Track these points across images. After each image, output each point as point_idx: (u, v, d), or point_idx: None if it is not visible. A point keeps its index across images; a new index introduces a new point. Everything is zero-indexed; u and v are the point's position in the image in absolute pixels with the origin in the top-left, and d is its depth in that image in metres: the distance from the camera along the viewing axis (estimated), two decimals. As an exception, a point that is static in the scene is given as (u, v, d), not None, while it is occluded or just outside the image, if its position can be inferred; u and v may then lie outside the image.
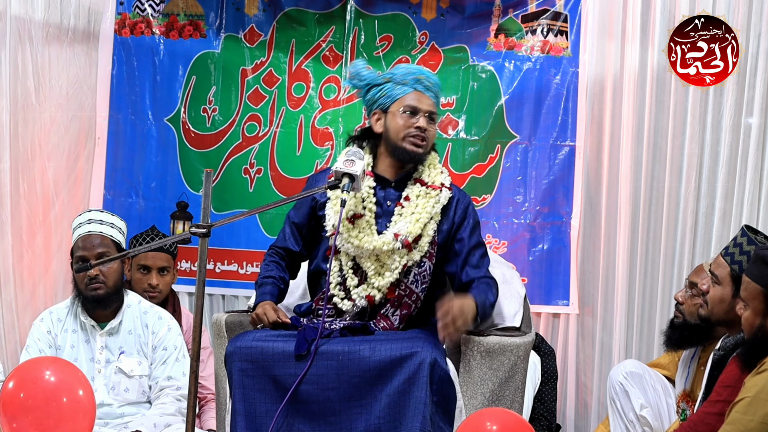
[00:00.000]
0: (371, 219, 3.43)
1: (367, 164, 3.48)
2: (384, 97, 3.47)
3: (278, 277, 3.50)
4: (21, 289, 4.97)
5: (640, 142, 5.07)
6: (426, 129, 3.44)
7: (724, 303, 3.39)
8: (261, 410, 3.16)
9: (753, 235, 3.33)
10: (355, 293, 3.40)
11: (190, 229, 2.76)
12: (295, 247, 3.57)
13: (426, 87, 3.46)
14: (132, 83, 5.28)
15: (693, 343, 3.73)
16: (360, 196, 3.43)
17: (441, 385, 3.12)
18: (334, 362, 3.14)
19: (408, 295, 3.40)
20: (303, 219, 3.57)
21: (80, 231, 3.72)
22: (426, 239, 3.42)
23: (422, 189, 3.46)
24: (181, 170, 5.29)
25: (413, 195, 3.45)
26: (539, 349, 4.76)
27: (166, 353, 3.72)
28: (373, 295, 3.39)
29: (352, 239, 3.39)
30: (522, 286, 3.72)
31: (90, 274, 3.65)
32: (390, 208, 3.46)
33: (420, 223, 3.40)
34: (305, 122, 5.26)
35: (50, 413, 3.10)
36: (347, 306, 3.40)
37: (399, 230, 3.39)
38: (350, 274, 3.42)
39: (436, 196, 3.45)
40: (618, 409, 3.92)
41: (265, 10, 5.27)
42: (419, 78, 3.46)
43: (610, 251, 5.10)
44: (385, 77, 3.50)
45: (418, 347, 3.11)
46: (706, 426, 3.13)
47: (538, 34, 5.14)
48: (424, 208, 3.43)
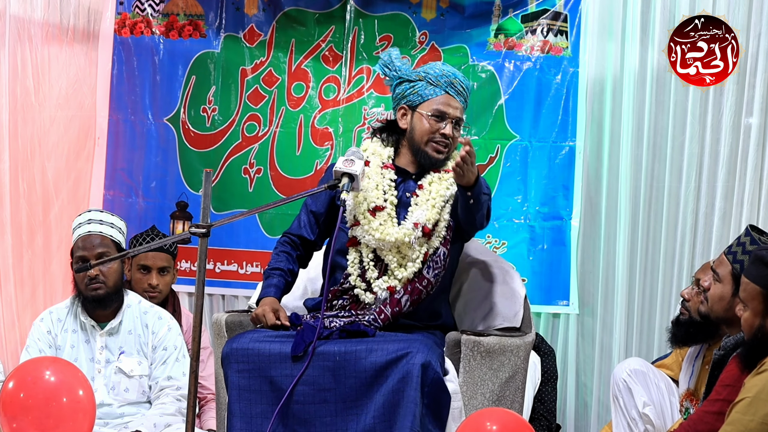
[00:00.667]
0: (392, 211, 3.43)
1: (387, 156, 3.49)
2: (414, 95, 3.45)
3: (286, 270, 3.49)
4: (21, 288, 4.97)
5: (640, 142, 5.07)
6: (451, 136, 3.42)
7: (723, 301, 3.39)
8: (257, 411, 3.16)
9: (757, 235, 3.33)
10: (376, 285, 3.39)
11: (189, 229, 2.76)
12: (310, 236, 3.55)
13: (457, 92, 3.44)
14: (132, 83, 5.28)
15: (698, 340, 3.71)
16: (381, 188, 3.43)
17: (433, 387, 3.11)
18: (330, 363, 3.13)
19: (419, 281, 3.40)
20: (321, 208, 3.55)
21: (80, 231, 3.72)
22: (443, 224, 3.42)
23: (435, 175, 3.46)
24: (181, 170, 5.29)
25: (426, 183, 3.46)
26: (539, 349, 4.76)
27: (166, 353, 3.72)
28: (394, 286, 3.39)
29: (373, 231, 3.39)
30: (522, 286, 3.71)
31: (90, 274, 3.64)
32: (408, 199, 3.46)
33: (436, 208, 3.41)
34: (305, 122, 5.26)
35: (50, 413, 3.10)
36: (369, 299, 3.40)
37: (417, 219, 3.39)
38: (371, 267, 3.41)
39: (449, 179, 3.44)
40: (621, 406, 3.91)
41: (265, 9, 5.27)
42: (453, 81, 3.43)
43: (610, 251, 5.10)
44: (418, 74, 3.46)
45: (413, 348, 3.11)
46: (705, 425, 3.13)
47: (538, 34, 5.14)
48: (438, 192, 3.43)
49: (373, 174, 3.45)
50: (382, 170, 3.47)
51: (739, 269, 3.29)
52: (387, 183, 3.45)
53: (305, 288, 3.80)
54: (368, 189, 3.43)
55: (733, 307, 3.28)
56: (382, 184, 3.44)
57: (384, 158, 3.50)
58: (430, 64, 3.53)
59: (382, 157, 3.50)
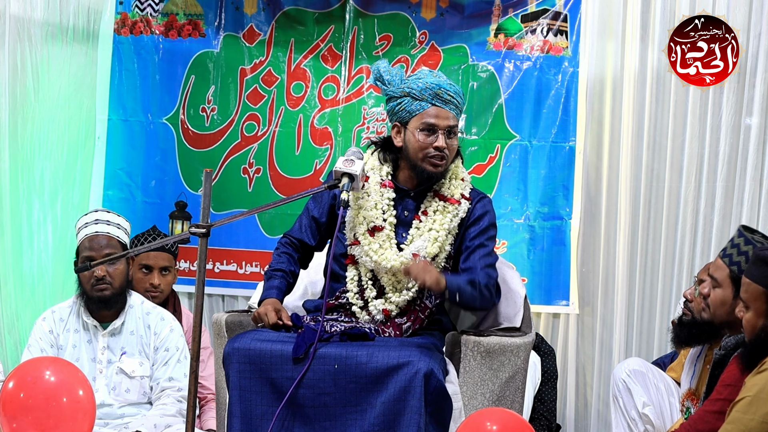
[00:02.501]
0: (391, 232, 3.40)
1: (386, 173, 3.45)
2: (402, 112, 3.39)
3: (288, 271, 3.48)
4: (20, 288, 4.96)
5: (640, 142, 5.07)
6: (444, 147, 3.37)
7: (725, 305, 3.36)
8: (257, 413, 3.16)
9: (750, 235, 3.32)
10: (373, 306, 3.39)
11: (189, 229, 2.76)
12: (310, 241, 3.54)
13: (445, 101, 3.37)
14: (131, 83, 5.28)
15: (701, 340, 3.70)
16: (380, 208, 3.40)
17: (436, 396, 3.11)
18: (331, 367, 3.13)
19: (422, 309, 3.40)
20: (322, 215, 3.53)
21: (87, 231, 3.71)
22: (443, 255, 3.40)
23: (440, 204, 3.41)
24: (180, 170, 5.29)
25: (431, 210, 3.41)
26: (539, 349, 4.76)
27: (168, 354, 3.71)
28: (390, 310, 3.38)
29: (372, 253, 3.37)
30: (522, 286, 3.71)
31: (97, 275, 3.63)
32: (408, 218, 3.43)
33: (438, 242, 3.36)
34: (304, 122, 5.26)
35: (50, 413, 3.09)
36: (364, 318, 3.39)
37: (418, 249, 3.35)
38: (369, 285, 3.40)
39: (454, 210, 3.41)
40: (620, 406, 3.91)
41: (264, 9, 5.27)
42: (437, 93, 3.36)
43: (610, 251, 5.10)
44: (403, 90, 3.39)
45: (415, 356, 3.10)
46: (705, 424, 3.13)
47: (538, 33, 5.14)
48: (441, 224, 3.38)
49: (373, 192, 3.42)
50: (381, 189, 3.43)
51: (737, 271, 3.29)
52: (386, 203, 3.41)
53: (305, 288, 3.80)
54: (367, 208, 3.40)
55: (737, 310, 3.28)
56: (381, 204, 3.41)
57: (383, 175, 3.45)
58: (416, 74, 3.45)
59: (381, 175, 3.46)
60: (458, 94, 3.41)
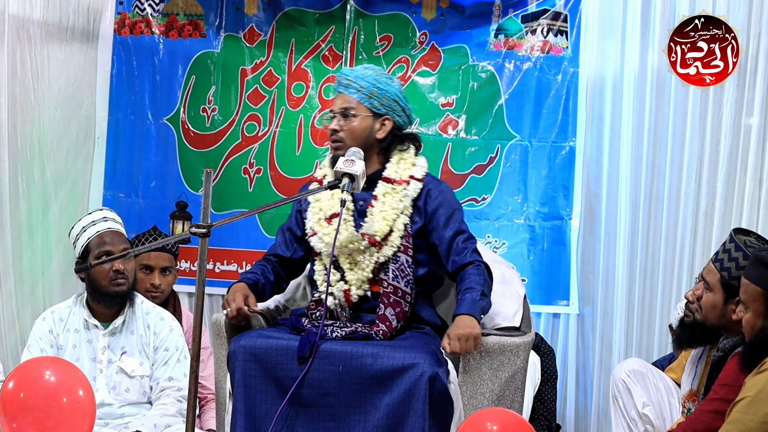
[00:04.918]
0: (348, 216, 3.45)
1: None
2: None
3: (259, 273, 3.52)
4: (20, 288, 4.96)
5: (640, 142, 5.07)
6: (334, 129, 3.46)
7: (716, 309, 3.39)
8: (261, 411, 3.18)
9: (742, 238, 3.33)
10: (333, 289, 3.41)
11: (190, 229, 2.76)
12: (285, 253, 3.59)
13: (345, 85, 3.49)
14: (131, 83, 5.28)
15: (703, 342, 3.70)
16: (336, 197, 3.45)
17: (440, 399, 3.14)
18: (335, 368, 3.15)
19: (394, 292, 3.39)
20: (291, 224, 3.61)
21: (98, 228, 3.71)
22: (397, 234, 3.42)
23: (388, 186, 3.47)
24: (181, 170, 5.29)
25: (380, 194, 3.46)
26: (539, 349, 4.76)
27: (168, 354, 3.71)
28: (349, 291, 3.40)
29: (324, 237, 3.43)
30: (522, 286, 3.71)
31: (117, 268, 3.65)
32: (363, 207, 3.47)
33: (387, 221, 3.41)
34: (305, 122, 5.26)
35: (50, 413, 3.09)
36: (331, 302, 3.41)
37: (366, 230, 3.41)
38: (332, 271, 3.42)
39: (402, 190, 3.45)
40: (620, 407, 3.91)
41: (265, 9, 5.27)
42: (339, 79, 3.52)
43: (610, 251, 5.10)
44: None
45: (419, 359, 3.12)
46: (702, 423, 3.14)
47: (538, 34, 5.14)
48: (390, 205, 3.43)
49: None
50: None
51: (728, 277, 3.31)
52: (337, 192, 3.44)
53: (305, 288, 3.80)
54: (323, 200, 3.49)
55: (727, 314, 3.31)
56: (337, 194, 3.44)
57: None
58: None
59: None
60: (360, 76, 3.48)
